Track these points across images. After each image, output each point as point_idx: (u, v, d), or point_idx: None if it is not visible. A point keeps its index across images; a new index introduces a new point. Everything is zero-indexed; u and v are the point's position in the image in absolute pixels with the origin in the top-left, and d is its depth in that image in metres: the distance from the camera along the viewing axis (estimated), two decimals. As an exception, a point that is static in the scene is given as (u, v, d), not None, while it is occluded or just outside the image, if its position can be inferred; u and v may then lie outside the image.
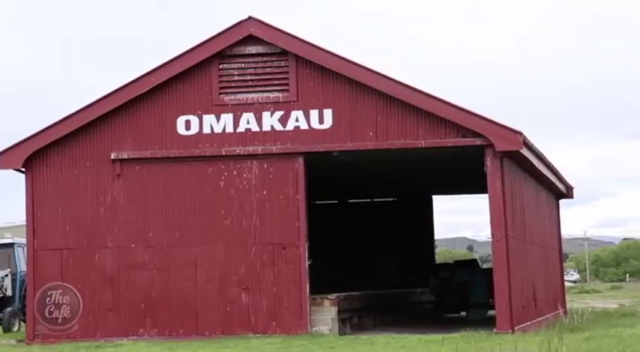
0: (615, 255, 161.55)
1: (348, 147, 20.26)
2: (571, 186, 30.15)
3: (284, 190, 20.24)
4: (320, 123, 20.26)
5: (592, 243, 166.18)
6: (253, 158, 20.41)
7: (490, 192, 19.65)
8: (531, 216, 23.82)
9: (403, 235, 32.88)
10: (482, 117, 19.62)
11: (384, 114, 20.05)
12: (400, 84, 19.88)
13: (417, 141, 19.94)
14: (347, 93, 20.23)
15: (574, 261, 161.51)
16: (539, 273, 24.88)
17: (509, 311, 19.23)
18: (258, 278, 20.09)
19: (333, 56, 20.14)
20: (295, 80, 20.37)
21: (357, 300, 22.40)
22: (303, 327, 19.71)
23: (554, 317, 25.27)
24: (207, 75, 20.65)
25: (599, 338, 16.62)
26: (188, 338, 19.59)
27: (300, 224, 20.15)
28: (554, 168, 25.80)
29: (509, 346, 15.14)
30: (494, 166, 19.60)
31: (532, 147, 21.13)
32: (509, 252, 19.69)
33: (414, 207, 33.46)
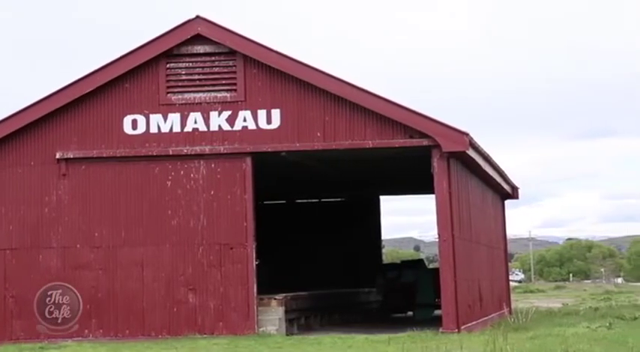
0: (559, 255, 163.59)
1: (295, 147, 20.26)
2: (516, 187, 30.47)
3: (231, 190, 20.19)
4: (268, 123, 20.24)
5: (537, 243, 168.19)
6: (201, 158, 20.32)
7: (437, 193, 19.77)
8: (477, 217, 24.03)
9: (350, 235, 32.98)
10: (429, 118, 19.75)
11: (332, 115, 20.09)
12: (348, 84, 19.94)
13: (365, 141, 20.01)
14: (295, 93, 20.23)
15: (519, 260, 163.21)
16: (484, 273, 25.10)
17: (455, 311, 19.37)
18: (205, 278, 20.01)
19: (281, 56, 20.13)
20: (243, 80, 20.33)
21: (304, 300, 22.41)
22: (250, 328, 19.67)
23: (499, 316, 25.52)
24: (155, 74, 20.52)
25: (543, 338, 16.82)
26: (134, 339, 19.43)
27: (247, 224, 20.11)
28: (500, 169, 26.05)
29: (454, 345, 15.26)
30: (440, 167, 19.74)
31: (478, 148, 21.31)
32: (456, 252, 19.83)
33: (362, 207, 33.57)
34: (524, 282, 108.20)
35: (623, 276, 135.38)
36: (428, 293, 26.52)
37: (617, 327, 19.44)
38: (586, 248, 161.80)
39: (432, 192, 19.97)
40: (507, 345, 14.19)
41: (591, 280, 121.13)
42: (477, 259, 23.76)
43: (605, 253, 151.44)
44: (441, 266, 19.75)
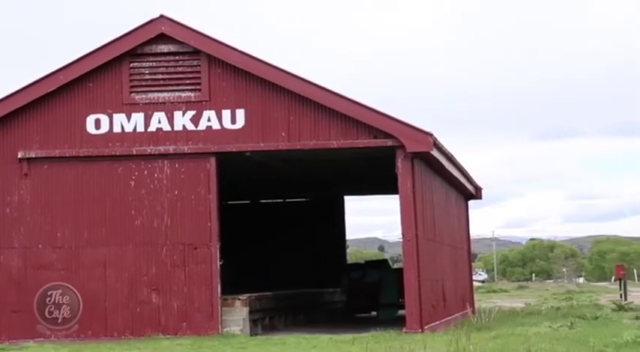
0: (522, 255, 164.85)
1: (260, 147, 20.24)
2: (480, 187, 30.65)
3: (196, 190, 20.12)
4: (232, 123, 20.20)
5: (500, 243, 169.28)
6: (165, 158, 20.24)
7: (401, 193, 19.84)
8: (441, 217, 24.14)
9: (315, 235, 33.00)
10: (393, 118, 19.81)
11: (297, 115, 20.09)
12: (312, 85, 19.95)
13: (329, 141, 20.03)
14: (259, 93, 20.21)
15: (482, 260, 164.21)
16: (448, 273, 25.23)
17: (419, 311, 19.45)
18: (169, 278, 19.93)
19: (245, 56, 20.10)
20: (207, 80, 20.28)
21: (268, 300, 22.39)
22: (214, 328, 19.61)
23: (462, 316, 25.66)
24: (118, 73, 20.41)
25: (506, 337, 16.94)
26: (97, 340, 19.31)
27: (211, 224, 20.06)
28: (464, 169, 26.19)
29: (418, 345, 15.32)
30: (404, 167, 19.80)
31: (442, 148, 21.41)
32: (420, 252, 19.91)
33: (326, 208, 33.60)
34: (488, 282, 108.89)
35: (585, 276, 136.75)
36: (392, 293, 26.59)
37: (579, 327, 19.63)
38: (548, 248, 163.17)
39: (396, 192, 20.04)
40: (470, 345, 14.27)
41: (553, 280, 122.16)
42: (441, 259, 23.87)
43: (567, 253, 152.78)
44: (405, 267, 19.82)
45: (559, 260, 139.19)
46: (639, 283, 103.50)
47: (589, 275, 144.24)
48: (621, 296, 41.38)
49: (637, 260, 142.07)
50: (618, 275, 46.02)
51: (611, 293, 52.07)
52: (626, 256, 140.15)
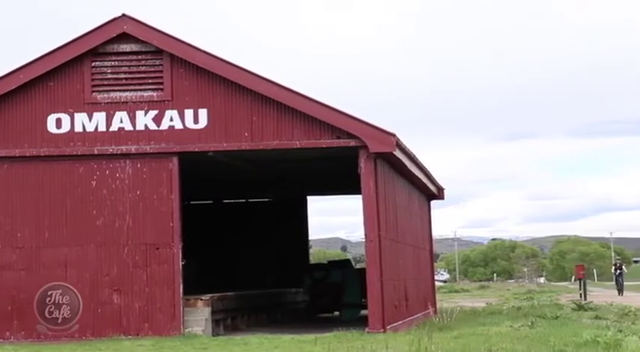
0: (484, 255, 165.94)
1: (223, 147, 20.20)
2: (442, 188, 30.79)
3: (158, 190, 20.04)
4: (195, 123, 20.14)
5: (462, 243, 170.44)
6: (126, 157, 20.13)
7: (364, 193, 19.88)
8: (404, 217, 24.23)
9: (278, 235, 32.97)
10: (357, 118, 19.85)
11: (260, 115, 20.08)
12: (275, 85, 19.95)
13: (292, 141, 20.04)
14: (222, 93, 20.17)
15: (444, 260, 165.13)
16: (410, 273, 25.32)
17: (381, 311, 19.50)
18: (131, 279, 19.82)
19: (208, 56, 20.05)
20: (170, 79, 20.20)
21: (230, 301, 22.34)
22: (176, 328, 19.54)
23: (424, 316, 25.76)
24: (80, 72, 20.27)
25: (467, 337, 17.03)
26: (57, 341, 19.16)
27: (174, 224, 19.98)
28: (426, 170, 26.30)
29: (380, 345, 15.37)
30: (367, 167, 19.86)
31: (405, 148, 21.49)
32: (382, 253, 19.97)
33: (289, 208, 33.59)
34: (450, 282, 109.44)
35: (546, 276, 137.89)
36: (354, 294, 26.65)
37: (539, 326, 19.78)
38: (510, 248, 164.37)
39: (359, 192, 20.08)
40: (432, 345, 14.34)
41: (514, 280, 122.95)
42: (403, 259, 23.95)
43: (528, 253, 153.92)
44: (368, 267, 19.87)
45: (520, 260, 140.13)
46: (599, 283, 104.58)
47: (550, 275, 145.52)
48: (581, 295, 41.76)
49: (597, 260, 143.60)
50: (578, 275, 46.43)
51: (572, 292, 52.52)
52: (586, 256, 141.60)
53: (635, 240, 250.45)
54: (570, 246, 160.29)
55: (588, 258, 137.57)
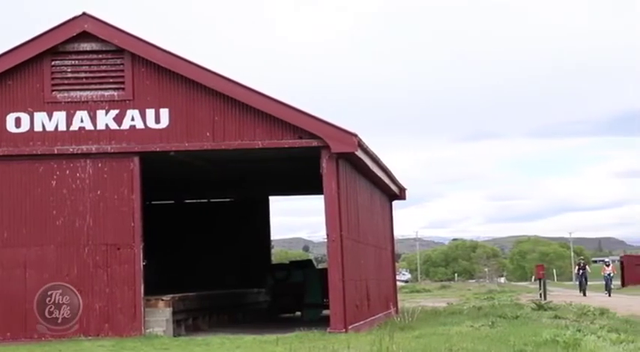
0: (445, 255, 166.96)
1: (184, 147, 20.12)
2: (404, 188, 30.90)
3: (119, 190, 19.91)
4: (156, 122, 20.05)
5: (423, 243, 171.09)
6: (87, 157, 19.98)
7: (326, 193, 19.90)
8: (366, 217, 24.28)
9: (240, 235, 32.90)
10: (319, 119, 19.86)
11: (222, 115, 20.03)
12: (237, 84, 19.90)
13: (254, 141, 20.01)
14: (184, 92, 20.09)
15: (406, 260, 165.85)
16: (372, 273, 25.38)
17: (343, 311, 19.53)
18: (91, 279, 19.67)
19: (169, 55, 19.96)
20: (131, 78, 20.08)
21: (192, 301, 22.26)
22: (136, 329, 19.43)
23: (386, 316, 25.84)
24: (39, 71, 20.09)
25: (428, 337, 17.11)
26: (16, 342, 18.97)
27: (135, 224, 19.87)
28: (388, 170, 26.38)
29: (342, 345, 15.39)
30: (329, 168, 19.87)
31: (367, 149, 21.54)
32: (344, 253, 20.00)
33: (251, 208, 33.54)
34: (411, 282, 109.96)
35: (506, 276, 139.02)
36: (316, 294, 26.67)
37: (500, 326, 19.91)
38: (471, 248, 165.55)
39: (321, 192, 20.09)
40: (393, 344, 14.38)
41: (475, 280, 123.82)
42: (365, 259, 24.00)
43: (489, 253, 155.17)
44: (329, 267, 19.88)
45: (481, 260, 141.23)
46: (559, 283, 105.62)
47: (510, 274, 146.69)
48: (541, 295, 42.14)
49: (556, 260, 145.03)
50: (538, 275, 46.85)
51: (532, 292, 52.97)
52: (546, 256, 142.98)
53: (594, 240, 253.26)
54: (530, 246, 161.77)
55: (548, 258, 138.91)
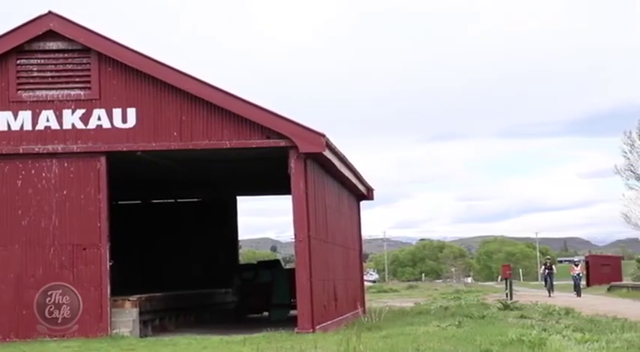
0: (412, 255, 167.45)
1: (152, 146, 20.03)
2: (371, 188, 30.97)
3: (85, 190, 19.79)
4: (123, 122, 19.94)
5: (391, 243, 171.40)
6: (53, 157, 19.84)
7: (293, 194, 19.90)
8: (333, 217, 24.30)
9: (207, 235, 32.83)
10: (286, 119, 19.86)
11: (189, 115, 19.96)
12: (205, 84, 19.85)
13: (222, 141, 19.96)
14: (151, 92, 20.00)
15: (374, 261, 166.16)
16: (340, 273, 25.41)
17: (311, 311, 19.54)
18: (57, 280, 19.53)
19: (136, 55, 19.87)
20: (97, 78, 19.97)
21: (158, 301, 22.17)
22: (103, 330, 19.32)
23: (353, 316, 25.89)
24: (4, 70, 19.92)
25: (396, 337, 17.15)
26: (-19, 343, 18.80)
27: (101, 224, 19.76)
28: (356, 170, 26.43)
29: (309, 345, 15.40)
30: (297, 168, 19.87)
31: (335, 149, 21.56)
32: (312, 253, 20.01)
33: (219, 208, 33.47)
34: (379, 282, 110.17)
35: (473, 276, 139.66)
36: (284, 294, 26.65)
37: (466, 326, 20.01)
38: (438, 248, 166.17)
39: (288, 192, 20.09)
40: (360, 344, 14.40)
41: (442, 280, 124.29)
42: (333, 259, 24.03)
43: (455, 253, 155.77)
44: (297, 267, 19.89)
45: (448, 260, 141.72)
46: (525, 283, 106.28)
47: (477, 274, 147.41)
48: (507, 295, 42.35)
49: (522, 260, 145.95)
50: (504, 274, 47.06)
51: (498, 292, 53.26)
52: (512, 256, 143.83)
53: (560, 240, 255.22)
54: (497, 246, 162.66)
55: (514, 258, 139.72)
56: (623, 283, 60.63)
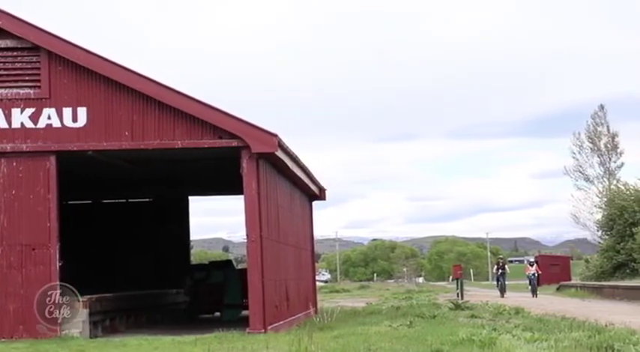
0: (364, 255, 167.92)
1: (102, 146, 19.88)
2: (323, 188, 31.01)
3: (34, 190, 19.57)
4: (74, 121, 19.76)
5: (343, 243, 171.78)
6: (1, 156, 19.61)
7: (246, 194, 19.87)
8: (286, 217, 24.30)
9: (159, 236, 32.65)
10: (239, 119, 19.82)
11: (141, 114, 19.84)
12: (156, 84, 19.74)
13: (174, 141, 19.86)
14: (102, 91, 19.85)
15: (326, 261, 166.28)
16: (292, 274, 25.42)
17: (262, 311, 19.52)
18: (5, 280, 19.31)
19: (87, 53, 19.70)
20: (48, 77, 19.77)
21: (109, 302, 22.00)
22: (52, 331, 19.12)
23: (305, 316, 25.91)
24: (-48, 68, 19.66)
25: (347, 336, 17.19)
26: None
27: (51, 224, 19.56)
28: (308, 170, 26.45)
29: (260, 345, 15.40)
30: (249, 168, 19.84)
31: (287, 149, 21.57)
32: (264, 253, 19.99)
33: (170, 208, 33.30)
34: (331, 282, 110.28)
35: (424, 276, 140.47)
36: (236, 294, 26.61)
37: (418, 325, 20.12)
38: (390, 248, 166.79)
39: (241, 192, 20.06)
40: (312, 344, 14.43)
41: (394, 280, 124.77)
42: (285, 260, 24.03)
43: (407, 253, 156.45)
44: (249, 267, 19.86)
45: (400, 260, 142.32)
46: (476, 282, 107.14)
47: (428, 274, 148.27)
48: (458, 295, 42.68)
49: (473, 260, 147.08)
50: (455, 274, 47.39)
51: (449, 292, 53.63)
52: (463, 256, 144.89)
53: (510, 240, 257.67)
54: (448, 246, 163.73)
55: (465, 258, 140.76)
56: (572, 283, 61.36)
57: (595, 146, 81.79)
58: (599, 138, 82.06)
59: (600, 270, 62.73)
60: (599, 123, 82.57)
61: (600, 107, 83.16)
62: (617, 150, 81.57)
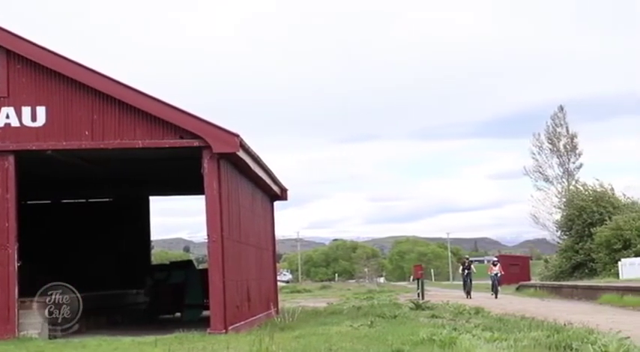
0: (326, 256, 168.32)
1: (62, 146, 19.72)
2: (285, 188, 30.99)
3: (-8, 189, 19.36)
4: (33, 120, 19.58)
5: (304, 243, 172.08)
6: (-41, 155, 19.39)
7: (207, 194, 19.80)
8: (247, 218, 24.25)
9: (119, 236, 32.45)
10: (200, 119, 19.75)
11: (101, 114, 19.70)
12: (117, 83, 19.61)
13: (135, 141, 19.75)
14: (62, 90, 19.69)
15: (287, 261, 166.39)
16: (253, 274, 25.38)
17: (223, 312, 19.47)
18: (-37, 281, 19.09)
19: (46, 52, 19.53)
20: (6, 75, 19.57)
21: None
22: (10, 332, 18.93)
23: (266, 316, 25.88)
24: None
25: (308, 337, 17.21)
26: None
27: (9, 225, 19.36)
28: (270, 171, 26.42)
29: (221, 346, 15.36)
30: (211, 168, 19.78)
31: (248, 149, 21.53)
32: (225, 253, 19.94)
33: (131, 208, 33.10)
34: (292, 282, 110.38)
35: (385, 276, 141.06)
36: (197, 294, 26.51)
37: (378, 325, 20.19)
38: (351, 248, 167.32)
39: (202, 192, 19.99)
40: (273, 345, 14.43)
41: (355, 280, 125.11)
42: (246, 260, 23.98)
43: (368, 253, 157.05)
44: (210, 267, 19.81)
45: (361, 260, 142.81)
46: (436, 282, 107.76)
47: (389, 274, 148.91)
48: (419, 295, 42.86)
49: (434, 260, 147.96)
50: (416, 274, 47.54)
51: (410, 292, 53.85)
52: (424, 256, 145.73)
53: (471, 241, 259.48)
54: (409, 246, 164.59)
55: (426, 258, 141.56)
56: (532, 283, 61.93)
57: (554, 147, 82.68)
58: (558, 139, 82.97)
59: (559, 270, 63.36)
60: (558, 124, 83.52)
61: (560, 108, 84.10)
62: (576, 151, 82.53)
